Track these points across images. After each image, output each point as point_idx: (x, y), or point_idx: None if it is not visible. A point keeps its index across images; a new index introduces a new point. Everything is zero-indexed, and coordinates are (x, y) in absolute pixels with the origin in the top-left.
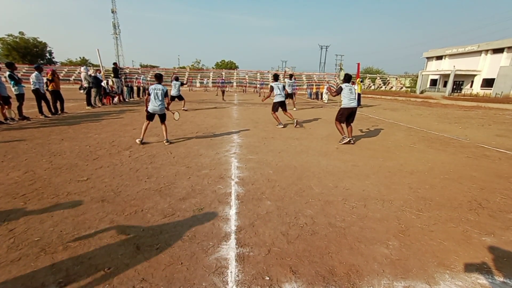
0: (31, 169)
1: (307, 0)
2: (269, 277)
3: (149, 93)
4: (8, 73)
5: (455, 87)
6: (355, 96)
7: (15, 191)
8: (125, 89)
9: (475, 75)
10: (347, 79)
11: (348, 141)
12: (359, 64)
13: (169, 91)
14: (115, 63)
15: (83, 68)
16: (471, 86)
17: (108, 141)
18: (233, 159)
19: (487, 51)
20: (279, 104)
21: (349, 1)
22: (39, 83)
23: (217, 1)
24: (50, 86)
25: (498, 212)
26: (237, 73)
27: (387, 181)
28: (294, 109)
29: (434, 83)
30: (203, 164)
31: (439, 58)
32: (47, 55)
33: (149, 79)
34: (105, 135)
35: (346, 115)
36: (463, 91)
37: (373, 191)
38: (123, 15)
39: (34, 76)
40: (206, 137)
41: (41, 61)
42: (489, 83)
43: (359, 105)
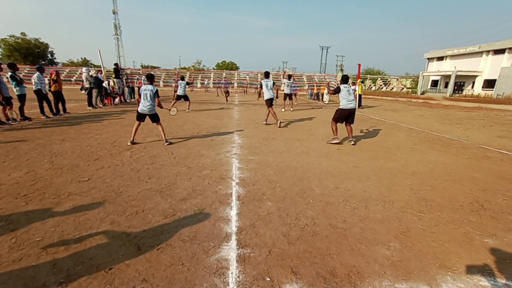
0: (33, 170)
1: (308, 0)
2: (270, 278)
3: (139, 94)
4: (10, 74)
5: (456, 88)
6: (353, 97)
7: (17, 191)
8: (126, 89)
9: (476, 76)
10: (344, 80)
11: (337, 142)
12: (359, 65)
13: (174, 90)
14: (116, 64)
15: (85, 68)
16: (473, 87)
17: (109, 142)
18: (234, 159)
19: (488, 52)
20: (270, 101)
21: (350, 2)
22: (41, 84)
23: (218, 2)
24: (53, 86)
25: (500, 213)
26: (238, 74)
27: (388, 182)
28: (290, 109)
29: (435, 84)
30: (204, 164)
31: (440, 59)
32: (49, 55)
33: None
34: (106, 136)
35: (343, 116)
36: (464, 92)
37: (374, 192)
38: (124, 16)
39: (36, 76)
40: (207, 138)
41: (43, 62)
42: (490, 84)
43: (360, 106)
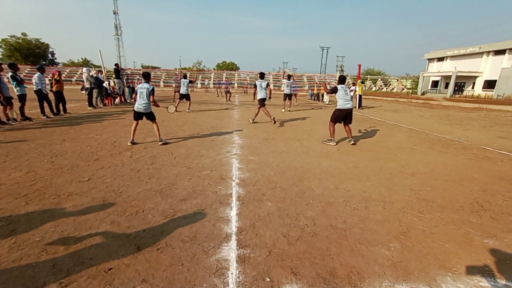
0: (33, 170)
1: (308, 1)
2: (270, 279)
3: (136, 93)
4: (10, 74)
5: (456, 88)
6: (350, 97)
7: (17, 191)
8: (127, 90)
9: (476, 77)
10: (341, 80)
11: (334, 144)
12: (360, 65)
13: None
14: (116, 64)
15: (85, 69)
16: (473, 87)
17: (109, 142)
18: (234, 160)
19: (488, 52)
20: (262, 100)
21: (350, 2)
22: (41, 84)
23: (218, 2)
24: (55, 87)
25: (500, 214)
26: (238, 74)
27: (388, 182)
28: (288, 110)
29: (435, 84)
30: (204, 165)
31: (441, 59)
32: (49, 56)
33: None
34: (106, 136)
35: (341, 116)
36: (465, 93)
37: (374, 192)
38: (125, 16)
39: (36, 77)
40: (207, 138)
41: (43, 62)
42: (490, 84)
43: (360, 106)
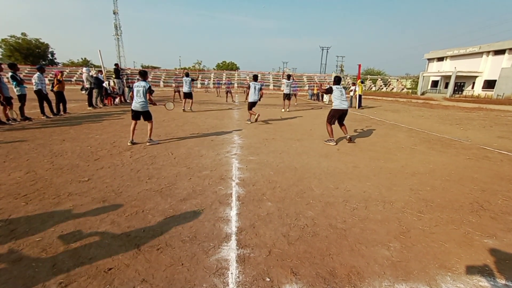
0: (33, 170)
1: (308, 1)
2: (269, 279)
3: (132, 91)
4: (10, 74)
5: (456, 88)
6: (345, 97)
7: (17, 191)
8: (126, 90)
9: (476, 77)
10: (336, 81)
11: (333, 144)
12: (360, 65)
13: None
14: (116, 64)
15: (85, 69)
16: (473, 87)
17: (109, 142)
18: (234, 160)
19: (488, 52)
20: (252, 104)
21: (350, 2)
22: (41, 84)
23: (218, 2)
24: (56, 87)
25: (499, 214)
26: (238, 74)
27: (388, 182)
28: (287, 110)
29: (435, 84)
30: (204, 165)
31: (440, 59)
32: (49, 56)
33: (149, 80)
34: (106, 136)
35: (337, 116)
36: (465, 93)
37: (374, 192)
38: (125, 16)
39: (36, 77)
40: (207, 138)
41: (43, 62)
42: (490, 84)
43: (360, 106)
